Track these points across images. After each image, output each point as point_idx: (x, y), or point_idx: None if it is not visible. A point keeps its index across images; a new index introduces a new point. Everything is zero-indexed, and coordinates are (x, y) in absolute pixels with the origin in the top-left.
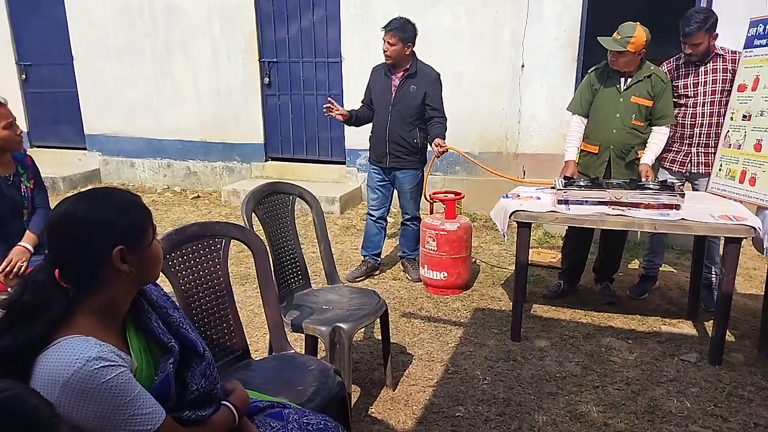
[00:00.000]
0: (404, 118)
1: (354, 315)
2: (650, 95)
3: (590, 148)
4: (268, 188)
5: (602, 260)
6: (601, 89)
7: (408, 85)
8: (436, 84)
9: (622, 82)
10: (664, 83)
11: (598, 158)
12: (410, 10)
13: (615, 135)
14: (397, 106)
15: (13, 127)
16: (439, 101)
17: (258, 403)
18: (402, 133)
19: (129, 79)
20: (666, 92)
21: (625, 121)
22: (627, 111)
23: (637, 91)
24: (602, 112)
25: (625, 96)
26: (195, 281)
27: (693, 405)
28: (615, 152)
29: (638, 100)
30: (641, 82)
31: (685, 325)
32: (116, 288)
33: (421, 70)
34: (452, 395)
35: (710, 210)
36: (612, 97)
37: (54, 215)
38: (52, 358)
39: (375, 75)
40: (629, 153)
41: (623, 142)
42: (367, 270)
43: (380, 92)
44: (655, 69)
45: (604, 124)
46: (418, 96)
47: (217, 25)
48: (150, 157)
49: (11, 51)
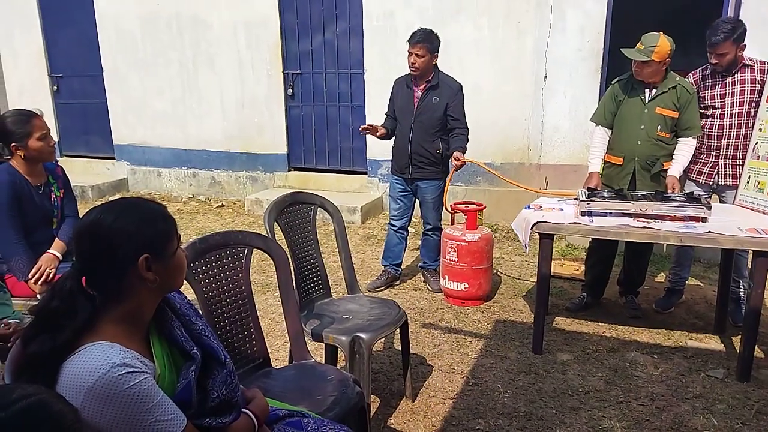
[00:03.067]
0: (426, 130)
1: (374, 325)
2: (676, 106)
3: (614, 159)
4: (290, 198)
5: (627, 273)
6: (626, 100)
7: (430, 97)
8: (458, 95)
9: (647, 93)
10: (690, 94)
11: (623, 170)
12: (432, 21)
13: (640, 146)
14: (419, 117)
15: (47, 138)
16: (461, 112)
17: (278, 412)
18: (424, 144)
19: (157, 90)
20: (692, 103)
21: (650, 133)
22: (652, 122)
23: (662, 102)
24: (627, 123)
25: (650, 107)
26: (218, 289)
27: (720, 422)
28: (640, 164)
29: (663, 111)
30: (666, 93)
31: (712, 340)
32: (141, 295)
33: (443, 81)
34: (472, 408)
35: (738, 223)
36: (636, 108)
37: (82, 224)
38: (77, 364)
39: (397, 87)
40: (654, 165)
41: (648, 154)
42: (388, 280)
43: (403, 104)
44: (681, 80)
45: (628, 135)
46: (440, 107)
47: (242, 38)
48: (176, 167)
49: (44, 63)
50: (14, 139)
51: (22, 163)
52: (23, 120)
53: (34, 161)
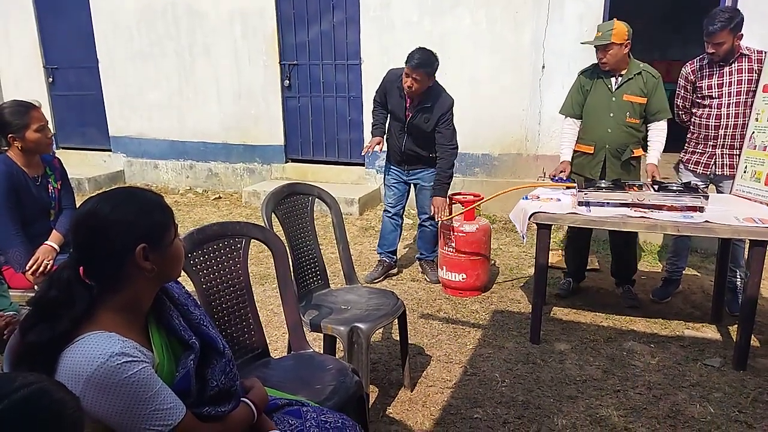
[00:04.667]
0: (417, 140)
1: (372, 315)
2: (643, 92)
3: (585, 148)
4: (287, 189)
5: (616, 264)
6: (593, 90)
7: (421, 116)
8: (448, 113)
9: (613, 81)
10: (656, 78)
11: (594, 158)
12: (429, 13)
13: (610, 134)
14: (410, 129)
15: (45, 130)
16: (449, 129)
17: (277, 401)
18: (417, 149)
19: (152, 82)
20: (658, 87)
21: (619, 120)
22: (621, 109)
23: (628, 89)
24: (596, 112)
25: (618, 95)
26: (216, 280)
27: (716, 410)
28: (610, 152)
29: (631, 98)
30: (632, 80)
31: (709, 329)
32: (139, 285)
33: (435, 101)
34: (470, 397)
35: (735, 212)
36: (604, 97)
37: (79, 214)
38: (75, 354)
39: (390, 84)
40: (624, 152)
41: (619, 141)
42: (384, 270)
43: (395, 108)
44: (645, 66)
45: (598, 124)
46: (430, 125)
47: (238, 29)
48: (173, 159)
49: (39, 55)
50: (12, 130)
51: (19, 154)
52: (21, 111)
53: (31, 153)
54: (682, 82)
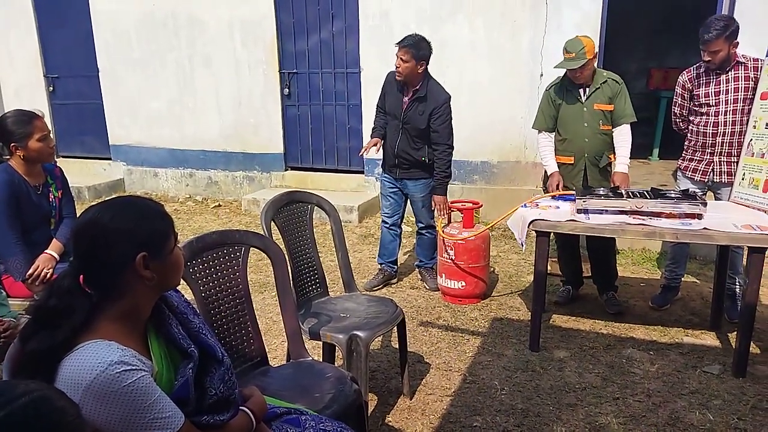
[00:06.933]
0: (412, 137)
1: (371, 323)
2: (611, 100)
3: (565, 159)
4: (287, 197)
5: (597, 271)
6: (564, 104)
7: (416, 108)
8: (443, 107)
9: (582, 92)
10: (619, 85)
11: (575, 168)
12: (428, 21)
13: (588, 143)
14: (406, 125)
15: (47, 139)
16: (444, 126)
17: (275, 410)
18: (410, 150)
19: (152, 90)
20: (622, 93)
21: (594, 129)
22: (593, 118)
23: (597, 98)
24: (570, 124)
25: (588, 105)
26: (215, 288)
27: (716, 418)
28: (589, 160)
29: (601, 107)
30: (599, 89)
31: (708, 336)
32: (138, 294)
33: (431, 92)
34: (470, 405)
35: (733, 219)
36: (576, 108)
37: (79, 223)
38: (75, 362)
39: (390, 84)
40: (601, 159)
41: (596, 149)
42: (384, 278)
43: (392, 106)
44: (608, 74)
45: (575, 134)
46: (425, 119)
47: (238, 38)
48: (173, 167)
49: (40, 64)
50: (14, 140)
51: (21, 163)
52: (24, 120)
53: (33, 162)
54: (678, 90)
